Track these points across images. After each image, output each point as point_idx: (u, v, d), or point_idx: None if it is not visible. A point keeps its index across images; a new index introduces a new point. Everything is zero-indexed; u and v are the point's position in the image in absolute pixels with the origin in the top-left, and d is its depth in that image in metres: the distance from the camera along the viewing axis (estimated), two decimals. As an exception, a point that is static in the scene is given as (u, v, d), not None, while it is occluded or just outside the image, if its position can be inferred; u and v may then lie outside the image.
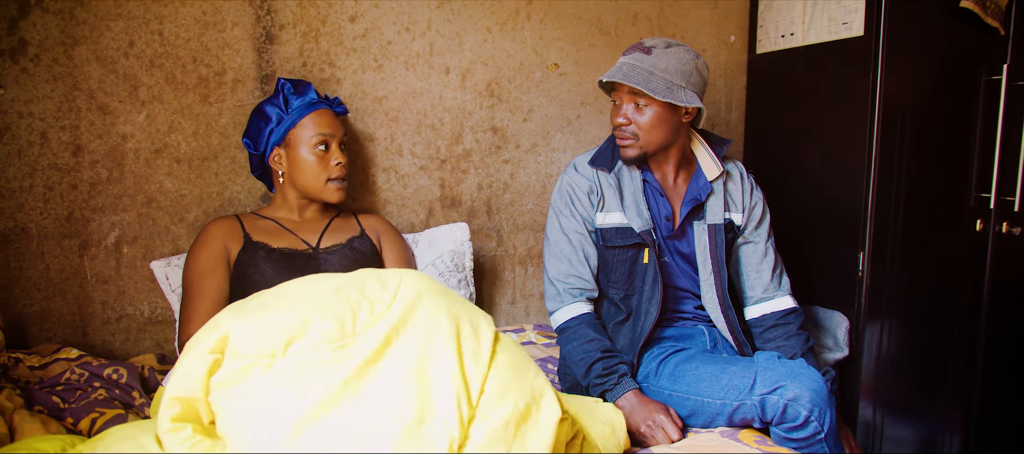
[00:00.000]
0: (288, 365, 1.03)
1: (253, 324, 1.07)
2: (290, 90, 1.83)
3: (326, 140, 1.80)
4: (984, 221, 2.18)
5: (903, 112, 2.00)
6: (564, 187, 1.80)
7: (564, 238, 1.78)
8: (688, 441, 1.53)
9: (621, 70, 1.68)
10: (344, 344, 1.07)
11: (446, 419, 1.02)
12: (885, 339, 2.07)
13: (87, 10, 1.86)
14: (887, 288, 2.04)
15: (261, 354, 1.04)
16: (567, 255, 1.77)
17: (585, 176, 1.78)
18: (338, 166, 1.81)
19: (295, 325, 1.07)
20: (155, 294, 1.99)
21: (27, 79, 1.83)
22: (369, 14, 2.08)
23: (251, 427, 0.99)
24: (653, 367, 1.70)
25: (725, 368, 1.58)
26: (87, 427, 1.49)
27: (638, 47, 1.71)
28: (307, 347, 1.05)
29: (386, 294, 1.16)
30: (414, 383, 1.04)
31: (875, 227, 2.01)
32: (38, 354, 1.76)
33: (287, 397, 1.00)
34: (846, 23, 2.04)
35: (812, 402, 1.45)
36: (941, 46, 2.05)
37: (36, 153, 1.86)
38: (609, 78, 1.68)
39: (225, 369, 1.03)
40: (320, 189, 1.81)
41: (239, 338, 1.05)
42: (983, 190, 2.16)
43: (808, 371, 1.50)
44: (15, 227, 1.87)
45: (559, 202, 1.80)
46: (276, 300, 1.14)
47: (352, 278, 1.20)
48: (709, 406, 1.57)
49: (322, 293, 1.14)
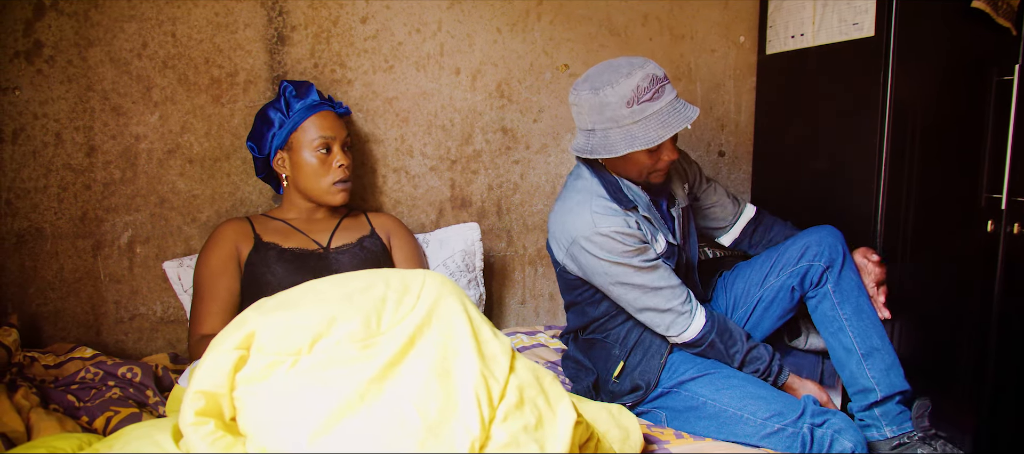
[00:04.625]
0: (314, 362, 1.04)
1: (280, 321, 1.08)
2: (292, 92, 1.83)
3: (328, 143, 1.80)
4: (995, 222, 2.17)
5: (913, 113, 1.99)
6: (612, 235, 1.61)
7: (645, 273, 1.64)
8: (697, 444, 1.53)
9: (685, 111, 1.60)
10: (369, 343, 1.07)
11: (468, 420, 1.03)
12: (895, 340, 2.06)
13: (101, 12, 1.87)
14: (897, 289, 2.04)
15: (287, 351, 1.05)
16: (660, 281, 1.65)
17: (624, 215, 1.65)
18: (341, 168, 1.81)
19: (321, 323, 1.08)
20: (167, 294, 2.00)
21: (42, 80, 1.85)
22: (380, 15, 2.09)
23: (276, 424, 1.00)
24: (688, 371, 1.67)
25: (775, 394, 1.60)
26: (102, 426, 1.51)
27: (665, 80, 1.61)
28: (333, 345, 1.06)
29: (410, 295, 1.17)
30: (438, 383, 1.05)
31: (885, 228, 2.01)
32: (53, 353, 1.78)
33: (313, 394, 1.00)
34: (856, 24, 2.04)
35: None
36: (952, 46, 2.04)
37: (51, 154, 1.88)
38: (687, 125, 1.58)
39: (251, 365, 1.04)
40: (323, 192, 1.81)
41: (265, 335, 1.06)
42: (994, 191, 2.15)
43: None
44: (30, 227, 1.89)
45: (613, 253, 1.62)
46: (302, 297, 1.15)
47: (377, 278, 1.20)
48: (749, 423, 1.56)
49: (349, 292, 1.15)
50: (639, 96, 1.56)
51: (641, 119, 1.57)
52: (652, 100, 1.57)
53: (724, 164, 2.51)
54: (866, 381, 1.66)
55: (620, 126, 1.58)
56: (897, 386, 1.66)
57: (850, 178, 2.09)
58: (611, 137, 1.60)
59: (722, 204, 1.99)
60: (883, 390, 1.65)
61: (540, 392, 1.14)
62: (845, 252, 1.73)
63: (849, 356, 1.69)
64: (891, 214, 2.01)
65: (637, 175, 1.69)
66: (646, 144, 1.56)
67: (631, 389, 1.70)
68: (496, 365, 1.12)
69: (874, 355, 1.67)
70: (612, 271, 1.64)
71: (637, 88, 1.56)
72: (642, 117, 1.57)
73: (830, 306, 1.71)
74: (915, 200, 2.04)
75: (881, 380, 1.66)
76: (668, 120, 1.57)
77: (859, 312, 1.70)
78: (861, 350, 1.68)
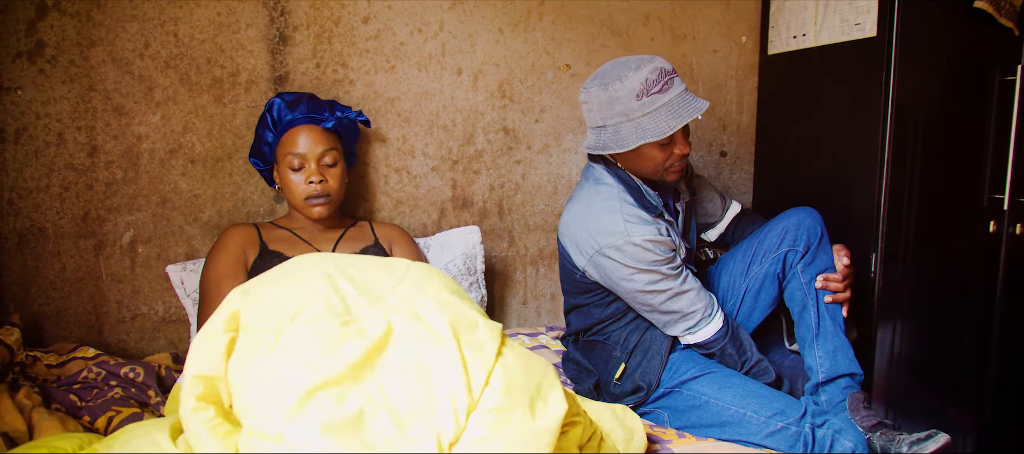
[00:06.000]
0: (293, 336, 1.04)
1: (260, 299, 1.09)
2: (281, 106, 1.84)
3: (300, 159, 1.79)
4: (998, 222, 2.17)
5: (916, 113, 1.99)
6: (645, 245, 1.61)
7: (671, 280, 1.64)
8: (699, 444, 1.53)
9: (695, 101, 1.61)
10: (348, 320, 1.07)
11: (441, 415, 1.02)
12: (897, 341, 2.06)
13: (103, 12, 1.87)
14: (899, 289, 2.03)
15: (269, 328, 1.05)
16: (685, 285, 1.66)
17: (654, 223, 1.65)
18: (313, 185, 1.79)
19: (301, 298, 1.08)
20: (169, 294, 2.01)
21: (44, 80, 1.85)
22: (382, 15, 2.09)
23: (258, 399, 0.99)
24: (690, 371, 1.67)
25: (777, 392, 1.62)
26: (104, 425, 1.51)
27: (674, 74, 1.62)
28: (312, 318, 1.06)
29: (392, 276, 1.17)
30: (413, 374, 1.04)
31: (887, 228, 2.00)
32: (55, 353, 1.78)
33: (291, 369, 1.00)
34: (858, 24, 2.04)
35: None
36: (954, 47, 2.04)
37: (53, 153, 1.88)
38: (699, 114, 1.58)
39: (239, 346, 1.05)
40: (300, 206, 1.82)
41: (248, 314, 1.07)
42: (997, 191, 2.15)
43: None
44: (32, 227, 1.89)
45: (643, 262, 1.61)
46: (283, 276, 1.16)
47: (358, 257, 1.22)
48: (752, 421, 1.56)
49: (327, 269, 1.15)
50: (648, 89, 1.57)
51: (651, 111, 1.57)
52: (661, 92, 1.57)
53: (726, 164, 2.51)
54: (812, 362, 1.70)
55: (631, 120, 1.59)
56: (842, 369, 1.67)
57: (852, 178, 2.09)
58: (622, 131, 1.60)
59: (712, 199, 2.01)
60: (826, 373, 1.67)
61: (529, 380, 1.12)
62: (823, 233, 1.76)
63: (807, 332, 1.72)
64: (893, 214, 2.00)
65: (652, 172, 1.68)
66: (657, 135, 1.57)
67: (633, 390, 1.70)
68: (481, 353, 1.10)
69: (823, 337, 1.70)
70: (638, 278, 1.63)
71: (646, 81, 1.57)
72: (652, 109, 1.57)
73: (797, 285, 1.73)
74: (917, 200, 2.04)
75: (825, 362, 1.67)
76: (678, 110, 1.57)
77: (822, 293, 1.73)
78: (816, 331, 1.70)
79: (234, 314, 1.07)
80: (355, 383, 1.01)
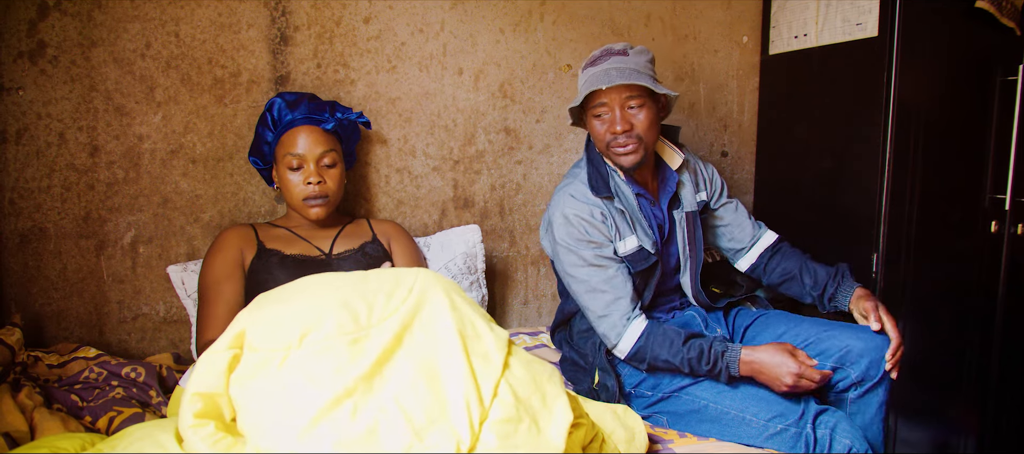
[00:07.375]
0: (303, 357, 1.04)
1: (268, 318, 1.09)
2: (281, 106, 1.84)
3: (298, 160, 1.79)
4: (999, 222, 2.17)
5: (917, 113, 1.99)
6: (571, 219, 1.68)
7: (592, 269, 1.67)
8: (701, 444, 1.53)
9: (620, 73, 1.62)
10: (358, 337, 1.07)
11: (456, 423, 1.02)
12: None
13: (104, 12, 1.87)
14: (901, 289, 2.03)
15: (277, 347, 1.05)
16: (603, 284, 1.67)
17: (591, 204, 1.69)
18: (311, 186, 1.78)
19: (310, 318, 1.08)
20: (170, 294, 2.01)
21: (45, 80, 1.85)
22: (383, 15, 2.09)
23: (268, 419, 1.00)
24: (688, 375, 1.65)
25: (776, 395, 1.57)
26: (105, 426, 1.51)
27: (611, 52, 1.68)
28: (321, 339, 1.06)
29: (401, 289, 1.17)
30: (425, 383, 1.05)
31: (889, 228, 2.00)
32: (57, 353, 1.78)
33: (302, 388, 1.00)
34: (860, 24, 2.03)
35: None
36: (956, 47, 2.04)
37: (54, 154, 1.88)
38: (610, 84, 1.61)
39: (243, 364, 1.05)
40: (298, 206, 1.82)
41: (255, 332, 1.07)
42: (998, 191, 2.15)
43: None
44: (33, 227, 1.89)
45: (569, 238, 1.68)
46: (292, 294, 1.15)
47: (370, 274, 1.21)
48: (752, 425, 1.55)
49: (337, 287, 1.15)
50: (589, 62, 1.71)
51: (583, 82, 1.70)
52: (594, 65, 1.69)
53: (727, 164, 2.51)
54: None
55: (579, 93, 1.72)
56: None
57: (853, 178, 2.09)
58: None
59: (741, 225, 1.94)
60: None
61: (535, 390, 1.13)
62: (883, 375, 1.61)
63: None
64: (894, 214, 2.00)
65: (602, 150, 1.74)
66: (575, 102, 1.69)
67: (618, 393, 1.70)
68: (488, 363, 1.11)
69: None
70: (564, 258, 1.71)
71: (591, 56, 1.71)
72: (583, 80, 1.70)
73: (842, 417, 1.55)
74: (918, 200, 2.03)
75: None
76: (595, 79, 1.65)
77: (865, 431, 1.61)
78: None
79: (241, 333, 1.07)
80: (367, 395, 1.02)
